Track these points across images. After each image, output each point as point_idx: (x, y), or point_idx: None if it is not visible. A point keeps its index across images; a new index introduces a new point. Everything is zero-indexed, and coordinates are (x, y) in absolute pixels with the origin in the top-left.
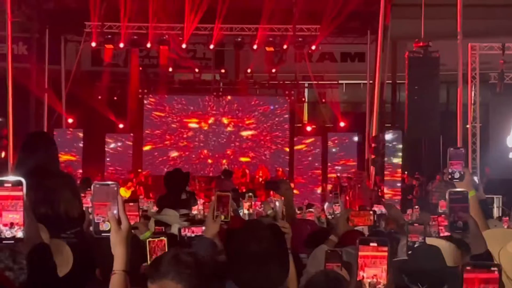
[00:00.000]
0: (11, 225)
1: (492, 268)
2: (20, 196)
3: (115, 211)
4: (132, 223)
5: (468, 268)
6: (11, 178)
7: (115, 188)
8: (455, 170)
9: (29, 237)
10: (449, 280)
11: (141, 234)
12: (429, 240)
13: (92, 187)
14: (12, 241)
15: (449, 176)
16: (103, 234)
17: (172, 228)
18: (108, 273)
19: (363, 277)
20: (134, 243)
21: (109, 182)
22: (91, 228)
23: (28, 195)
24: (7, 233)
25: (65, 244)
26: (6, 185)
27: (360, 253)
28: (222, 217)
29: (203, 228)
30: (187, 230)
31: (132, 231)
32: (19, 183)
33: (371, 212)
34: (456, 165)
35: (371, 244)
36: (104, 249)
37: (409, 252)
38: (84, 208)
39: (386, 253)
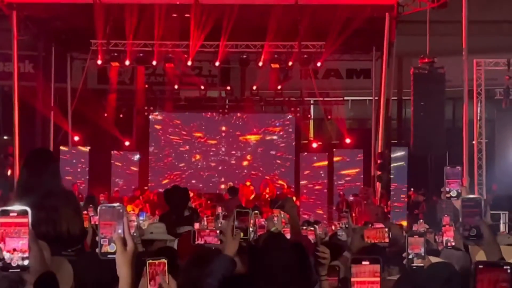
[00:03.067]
0: (14, 250)
1: (505, 267)
2: (25, 223)
3: (120, 232)
4: None
5: (481, 266)
6: (17, 207)
7: (121, 210)
8: (452, 189)
9: (35, 265)
10: None
11: None
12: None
13: (98, 209)
14: (18, 270)
15: (447, 195)
16: (109, 256)
17: (169, 243)
18: None
19: None
20: None
21: (115, 204)
22: (97, 250)
23: (31, 215)
24: (13, 262)
25: (66, 262)
26: (11, 214)
27: (352, 279)
28: (241, 234)
29: (217, 233)
30: (200, 239)
31: None
32: (24, 212)
33: (386, 229)
34: (453, 183)
35: (363, 262)
36: (104, 266)
37: (412, 265)
38: (87, 226)
39: (378, 278)
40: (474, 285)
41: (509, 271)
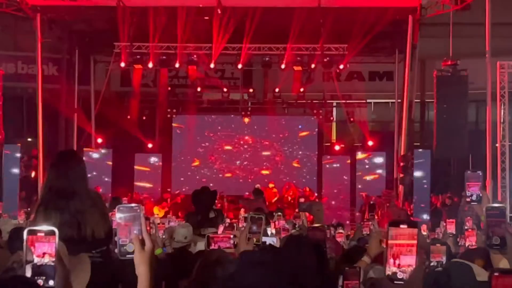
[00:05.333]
0: (44, 259)
1: None
2: (53, 243)
3: (138, 232)
4: None
5: (496, 274)
6: (45, 227)
7: (138, 210)
8: (473, 193)
9: (60, 286)
10: None
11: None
12: None
13: (116, 209)
14: None
15: (468, 199)
16: (127, 255)
17: (199, 246)
18: None
19: (398, 265)
20: None
21: (133, 205)
22: (116, 250)
23: (55, 217)
24: (39, 281)
25: (85, 260)
26: (39, 234)
27: (390, 241)
28: (255, 239)
29: (231, 237)
30: (214, 244)
31: None
32: (52, 233)
33: None
34: (473, 187)
35: (401, 226)
36: (128, 268)
37: (436, 270)
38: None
39: (415, 241)
40: None
41: None
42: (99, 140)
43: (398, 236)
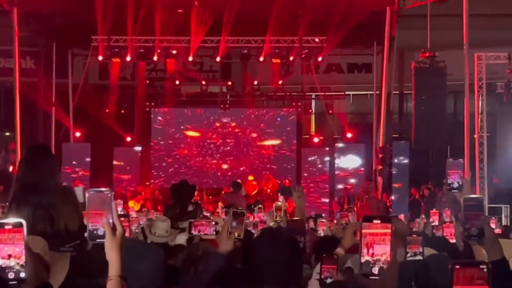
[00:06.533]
0: (9, 262)
1: (481, 266)
2: (21, 237)
3: (109, 218)
4: None
5: (458, 266)
6: (12, 220)
7: (109, 195)
8: (453, 181)
9: (31, 277)
10: None
11: None
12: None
13: (86, 193)
14: (15, 282)
15: (448, 187)
16: (97, 240)
17: (178, 239)
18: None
19: (372, 254)
20: None
21: (103, 189)
22: (86, 234)
23: (28, 213)
24: (10, 274)
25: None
26: (6, 227)
27: (363, 231)
28: (236, 234)
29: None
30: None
31: None
32: (19, 225)
33: None
34: (453, 175)
35: (375, 221)
36: (96, 260)
37: (411, 260)
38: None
39: (389, 230)
40: (451, 284)
41: (485, 270)
42: (78, 134)
43: (372, 226)
